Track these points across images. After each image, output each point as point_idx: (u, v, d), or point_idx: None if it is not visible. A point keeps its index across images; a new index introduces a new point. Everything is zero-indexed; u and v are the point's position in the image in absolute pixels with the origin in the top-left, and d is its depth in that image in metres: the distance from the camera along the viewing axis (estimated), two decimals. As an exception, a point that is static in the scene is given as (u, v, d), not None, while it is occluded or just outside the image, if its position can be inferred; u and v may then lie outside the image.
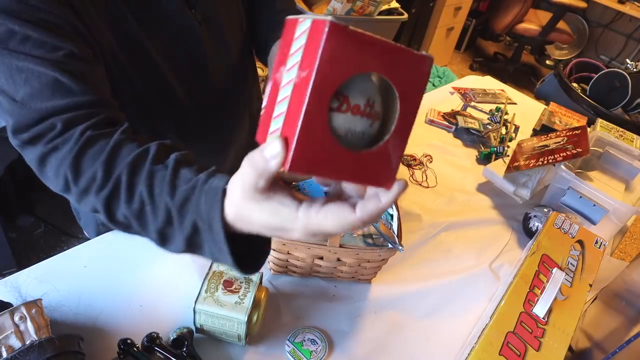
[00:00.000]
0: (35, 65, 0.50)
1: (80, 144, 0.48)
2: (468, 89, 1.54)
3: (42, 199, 1.90)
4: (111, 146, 0.48)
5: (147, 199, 0.45)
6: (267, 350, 0.68)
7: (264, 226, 0.38)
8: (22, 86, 0.50)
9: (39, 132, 0.50)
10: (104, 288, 0.71)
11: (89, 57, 0.56)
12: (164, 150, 0.48)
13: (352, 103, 0.33)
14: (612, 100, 1.66)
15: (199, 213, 0.42)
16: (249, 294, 0.64)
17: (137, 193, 0.46)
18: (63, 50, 0.52)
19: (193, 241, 0.44)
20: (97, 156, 0.48)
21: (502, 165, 1.14)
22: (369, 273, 0.78)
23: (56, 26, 0.52)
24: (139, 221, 0.46)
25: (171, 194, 0.44)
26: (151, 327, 0.66)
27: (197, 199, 0.42)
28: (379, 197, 0.35)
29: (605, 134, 1.23)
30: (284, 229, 0.37)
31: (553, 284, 0.74)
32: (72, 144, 0.48)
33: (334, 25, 0.29)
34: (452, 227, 0.98)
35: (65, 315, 0.66)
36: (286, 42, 0.34)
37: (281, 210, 0.36)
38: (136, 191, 0.46)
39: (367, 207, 0.35)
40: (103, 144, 0.48)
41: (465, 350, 0.69)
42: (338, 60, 0.30)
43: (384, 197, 0.35)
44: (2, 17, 0.50)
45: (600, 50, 4.22)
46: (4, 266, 1.58)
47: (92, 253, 0.77)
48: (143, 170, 0.46)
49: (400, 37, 2.98)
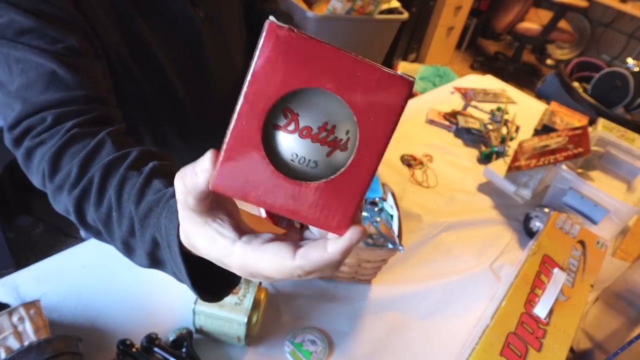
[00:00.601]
0: (33, 56, 0.49)
1: (63, 140, 0.47)
2: (469, 89, 1.54)
3: (40, 198, 1.89)
4: (93, 145, 0.46)
5: (115, 205, 0.43)
6: (266, 350, 0.68)
7: (206, 254, 0.32)
8: (18, 76, 0.49)
9: (29, 125, 0.48)
10: (102, 288, 0.71)
11: (89, 52, 0.55)
12: (145, 157, 0.46)
13: (301, 124, 0.28)
14: (614, 99, 1.66)
15: (159, 228, 0.38)
16: (248, 295, 0.64)
17: (106, 197, 0.44)
18: (63, 43, 0.51)
19: (155, 256, 0.41)
20: (77, 154, 0.46)
21: (503, 165, 1.14)
22: (369, 273, 0.78)
23: (58, 19, 0.52)
24: (106, 228, 0.44)
25: (137, 203, 0.41)
26: (150, 327, 0.65)
27: (159, 213, 0.39)
28: (326, 244, 0.29)
29: (607, 133, 1.23)
30: (223, 263, 0.31)
31: (554, 284, 0.73)
32: (57, 140, 0.47)
33: (273, 26, 0.25)
34: (452, 227, 0.98)
35: (63, 316, 0.66)
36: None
37: (218, 240, 0.30)
38: (106, 195, 0.44)
39: (310, 255, 0.29)
40: (86, 142, 0.47)
41: (466, 350, 0.68)
42: (277, 69, 0.26)
43: (331, 245, 0.28)
44: (4, 7, 0.49)
45: (601, 49, 4.21)
46: (2, 266, 1.58)
47: (91, 253, 0.77)
48: (116, 174, 0.44)
49: (401, 36, 2.97)
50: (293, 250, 0.29)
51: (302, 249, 0.29)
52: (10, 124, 0.49)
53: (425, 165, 1.15)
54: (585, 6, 3.56)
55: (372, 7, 2.27)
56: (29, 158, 0.49)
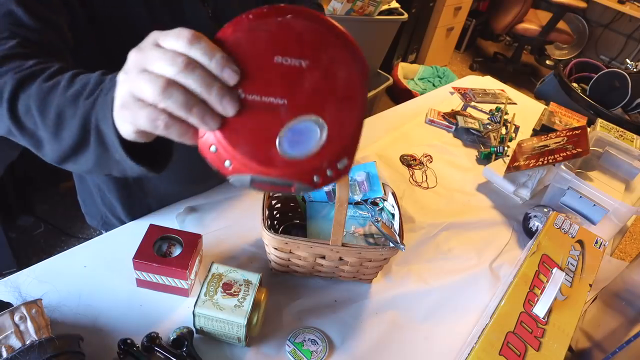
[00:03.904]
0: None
1: (17, 50, 0.49)
2: (468, 89, 1.54)
3: (42, 199, 1.90)
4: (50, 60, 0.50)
5: (68, 77, 0.46)
6: (267, 350, 0.68)
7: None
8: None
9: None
10: (103, 288, 0.71)
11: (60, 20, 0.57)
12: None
13: None
14: (612, 100, 1.66)
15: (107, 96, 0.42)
16: (248, 297, 0.64)
17: (61, 75, 0.47)
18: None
19: (89, 122, 0.44)
20: (29, 58, 0.49)
21: (502, 165, 1.14)
22: (370, 273, 0.78)
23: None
24: (44, 100, 0.46)
25: (100, 75, 0.45)
26: (151, 327, 0.66)
27: (109, 88, 0.43)
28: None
29: (605, 134, 1.23)
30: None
31: (553, 284, 0.74)
32: (9, 48, 0.49)
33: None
34: (452, 227, 0.98)
35: (65, 315, 0.66)
36: None
37: None
38: (60, 74, 0.47)
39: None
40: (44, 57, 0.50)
41: (465, 350, 0.69)
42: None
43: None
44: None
45: (600, 50, 4.22)
46: (4, 266, 1.58)
47: (92, 253, 0.77)
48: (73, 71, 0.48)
49: (400, 37, 2.98)
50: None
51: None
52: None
53: (425, 165, 1.15)
54: (584, 7, 3.57)
55: (371, 7, 2.28)
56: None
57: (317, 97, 0.37)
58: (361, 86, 0.38)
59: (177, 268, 0.67)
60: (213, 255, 0.79)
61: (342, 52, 0.37)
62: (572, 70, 1.84)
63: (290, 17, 0.36)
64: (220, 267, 0.68)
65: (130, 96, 0.37)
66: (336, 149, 0.37)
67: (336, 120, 0.37)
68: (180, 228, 0.82)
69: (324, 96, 0.37)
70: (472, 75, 1.68)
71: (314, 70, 0.36)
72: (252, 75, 0.36)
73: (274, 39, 0.36)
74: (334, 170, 0.38)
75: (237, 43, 0.36)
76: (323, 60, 0.37)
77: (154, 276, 0.69)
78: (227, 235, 0.84)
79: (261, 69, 0.36)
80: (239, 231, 0.85)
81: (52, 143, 0.47)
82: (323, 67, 0.37)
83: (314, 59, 0.36)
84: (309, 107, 0.36)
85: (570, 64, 1.84)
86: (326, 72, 0.37)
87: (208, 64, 0.35)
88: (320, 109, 0.36)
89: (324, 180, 0.38)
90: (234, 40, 0.36)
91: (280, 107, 0.36)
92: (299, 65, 0.36)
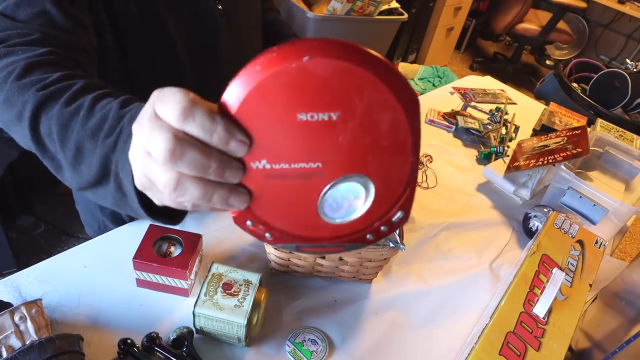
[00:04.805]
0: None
1: (43, 57, 0.48)
2: (468, 89, 1.54)
3: (42, 199, 1.90)
4: (73, 73, 0.49)
5: (88, 104, 0.44)
6: (267, 350, 0.68)
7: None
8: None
9: (6, 36, 0.50)
10: (103, 288, 0.71)
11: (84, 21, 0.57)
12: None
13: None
14: (612, 100, 1.66)
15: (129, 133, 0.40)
16: (248, 297, 0.64)
17: (81, 98, 0.45)
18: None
19: (109, 161, 0.42)
20: (54, 69, 0.48)
21: (502, 165, 1.14)
22: (370, 273, 0.78)
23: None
24: (64, 128, 0.45)
25: (121, 105, 0.43)
26: (151, 327, 0.66)
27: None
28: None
29: (605, 134, 1.23)
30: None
31: (553, 284, 0.74)
32: (35, 54, 0.48)
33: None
34: (452, 227, 0.98)
35: (65, 315, 0.66)
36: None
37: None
38: (81, 97, 0.45)
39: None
40: (66, 68, 0.49)
41: (465, 350, 0.69)
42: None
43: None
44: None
45: (600, 50, 4.22)
46: (4, 266, 1.58)
47: (92, 253, 0.77)
48: (98, 89, 0.46)
49: (400, 37, 2.98)
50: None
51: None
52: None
53: (424, 165, 1.15)
54: (584, 7, 3.57)
55: (371, 8, 2.28)
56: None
57: (356, 152, 0.30)
58: (410, 126, 0.32)
59: (177, 268, 0.67)
60: (213, 255, 0.79)
61: (379, 89, 0.29)
62: (572, 70, 1.83)
63: (307, 59, 0.28)
64: (220, 267, 0.68)
65: (148, 180, 0.33)
66: (387, 205, 0.33)
67: (383, 173, 0.31)
68: (180, 228, 0.82)
69: (365, 150, 0.30)
70: (472, 75, 1.68)
71: (347, 122, 0.29)
72: (274, 142, 0.30)
73: (292, 93, 0.28)
74: (389, 224, 0.33)
75: (247, 108, 0.30)
76: (357, 107, 0.29)
77: (154, 276, 0.69)
78: (227, 235, 0.84)
79: (284, 132, 0.30)
80: (239, 231, 0.84)
81: (71, 171, 0.46)
82: (358, 115, 0.29)
83: (345, 108, 0.29)
84: (348, 167, 0.31)
85: (570, 64, 1.84)
86: (363, 120, 0.29)
87: (209, 140, 0.30)
88: (361, 166, 0.31)
89: (378, 236, 0.34)
90: (243, 103, 0.30)
91: (314, 173, 0.31)
92: (328, 119, 0.29)
